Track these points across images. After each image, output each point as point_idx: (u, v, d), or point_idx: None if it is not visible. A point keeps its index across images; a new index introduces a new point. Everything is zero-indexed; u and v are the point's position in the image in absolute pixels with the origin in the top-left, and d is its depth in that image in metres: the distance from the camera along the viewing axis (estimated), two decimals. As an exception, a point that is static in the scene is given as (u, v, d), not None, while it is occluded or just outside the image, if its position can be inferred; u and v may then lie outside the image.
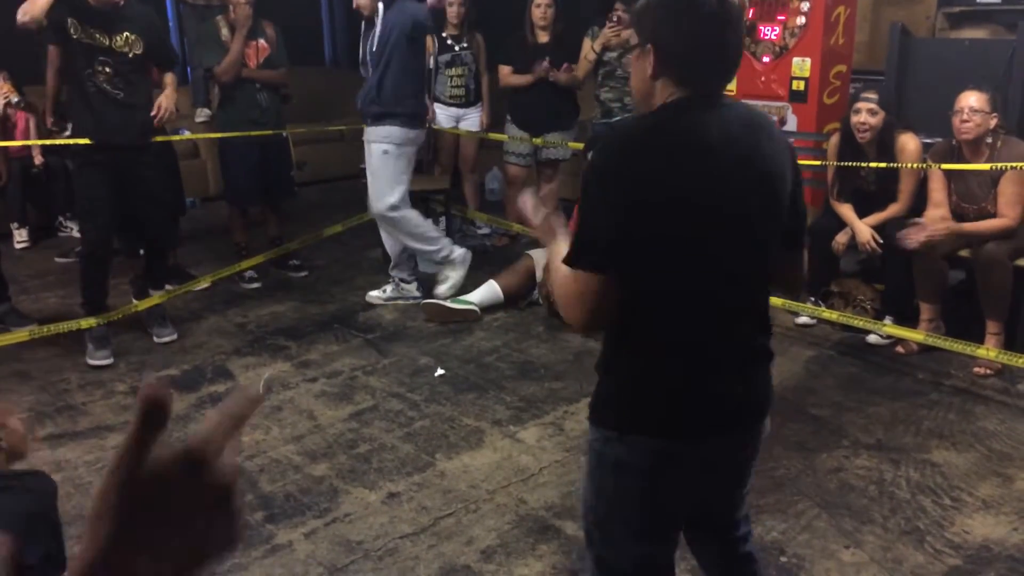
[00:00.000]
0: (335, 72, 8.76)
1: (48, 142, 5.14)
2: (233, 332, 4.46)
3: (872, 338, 4.18)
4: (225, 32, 4.86)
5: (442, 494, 2.99)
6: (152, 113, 3.99)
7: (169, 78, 4.16)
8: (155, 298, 4.36)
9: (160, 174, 4.24)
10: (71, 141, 4.06)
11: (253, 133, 4.89)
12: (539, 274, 4.72)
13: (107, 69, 3.85)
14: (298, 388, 3.82)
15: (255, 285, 5.09)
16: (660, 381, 1.62)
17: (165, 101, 4.02)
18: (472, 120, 5.82)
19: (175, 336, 4.32)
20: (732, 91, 5.61)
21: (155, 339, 4.29)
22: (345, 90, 7.05)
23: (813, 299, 4.49)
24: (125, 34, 3.86)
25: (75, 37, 3.77)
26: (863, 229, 4.17)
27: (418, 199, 4.95)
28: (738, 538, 1.93)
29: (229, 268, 4.91)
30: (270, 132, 5.00)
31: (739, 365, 1.67)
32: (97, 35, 3.80)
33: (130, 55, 3.89)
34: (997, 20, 5.28)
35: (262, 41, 4.93)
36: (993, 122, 3.85)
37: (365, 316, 4.67)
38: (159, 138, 4.36)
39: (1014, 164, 3.80)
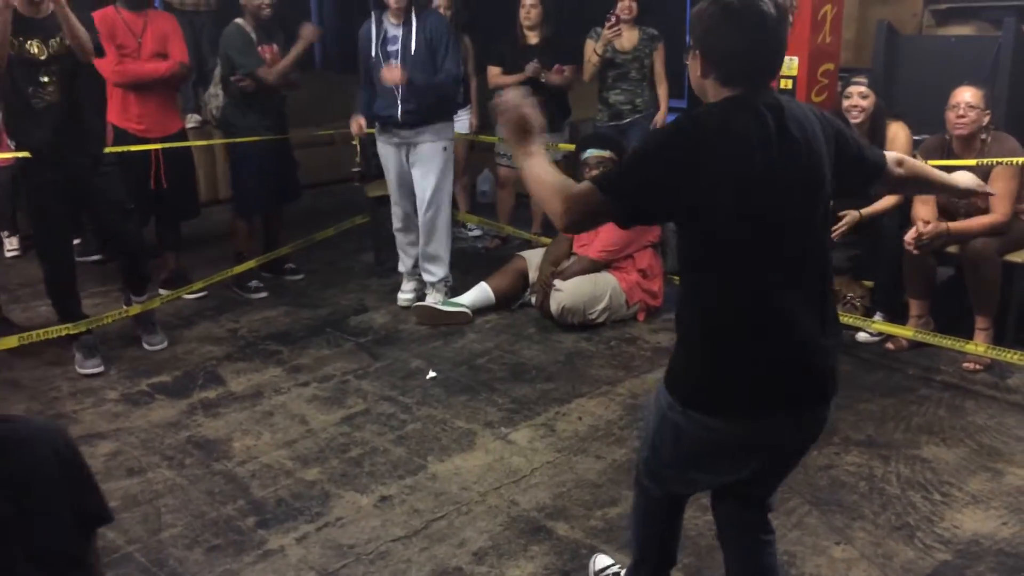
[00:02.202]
0: (325, 75, 8.74)
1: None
2: (225, 338, 4.45)
3: (862, 335, 4.19)
4: (254, 36, 4.83)
5: (434, 497, 3.00)
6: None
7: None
8: (141, 305, 4.33)
9: (115, 181, 4.07)
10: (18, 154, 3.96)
11: (268, 138, 4.90)
12: (531, 276, 4.72)
13: (52, 79, 3.74)
14: (290, 393, 3.82)
15: (262, 295, 5.02)
16: (725, 362, 1.77)
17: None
18: (462, 122, 5.82)
19: (165, 343, 4.31)
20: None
21: (145, 346, 4.28)
22: (335, 93, 7.05)
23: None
24: (59, 36, 3.72)
25: (12, 53, 3.63)
26: (848, 219, 4.16)
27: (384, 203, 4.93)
28: (763, 507, 2.09)
29: (220, 273, 4.90)
30: (284, 137, 5.05)
31: (805, 333, 1.77)
32: (36, 45, 3.69)
33: (68, 54, 3.75)
34: (983, 16, 5.29)
35: (275, 47, 4.92)
36: (987, 118, 3.87)
37: (357, 320, 4.67)
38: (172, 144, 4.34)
39: (1004, 160, 3.81)
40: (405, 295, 4.83)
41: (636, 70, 5.26)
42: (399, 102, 4.41)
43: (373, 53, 4.44)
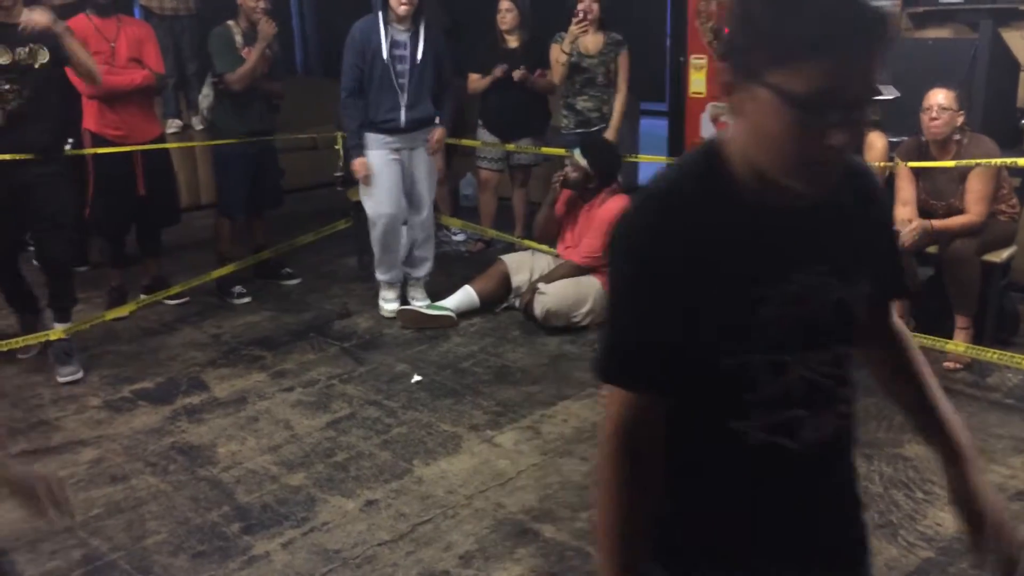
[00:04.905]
0: (307, 80, 8.73)
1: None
2: (208, 343, 4.43)
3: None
4: (239, 40, 4.82)
5: (420, 500, 3.00)
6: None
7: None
8: (63, 330, 4.06)
9: (56, 192, 3.92)
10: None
11: (249, 140, 4.88)
12: (515, 279, 4.73)
13: (14, 87, 3.70)
14: (274, 398, 3.80)
15: (245, 300, 5.01)
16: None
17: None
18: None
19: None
20: (702, 94, 5.67)
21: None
22: (317, 98, 7.04)
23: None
24: (29, 46, 3.71)
25: None
26: None
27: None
28: None
29: (199, 277, 4.88)
30: (267, 139, 5.04)
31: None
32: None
33: (36, 66, 3.73)
34: (959, 19, 5.34)
35: (268, 52, 4.91)
36: (960, 119, 3.92)
37: (341, 324, 4.66)
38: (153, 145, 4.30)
39: (980, 161, 3.86)
40: (390, 304, 4.74)
41: (602, 75, 5.22)
42: (404, 108, 4.41)
43: (384, 56, 4.34)
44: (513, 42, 5.48)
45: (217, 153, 5.09)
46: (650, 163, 7.00)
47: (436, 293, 4.76)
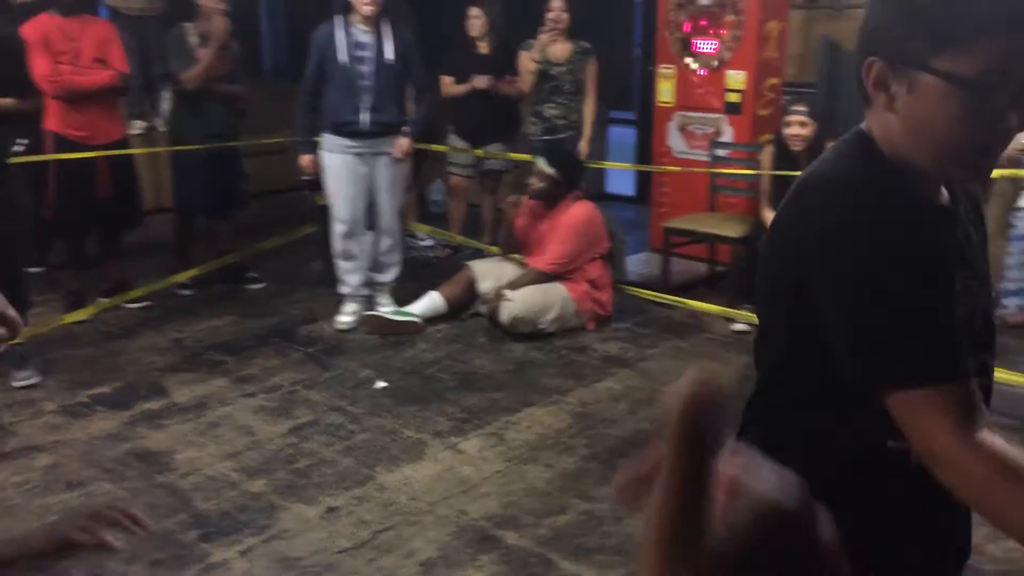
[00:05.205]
0: (275, 83, 8.66)
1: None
2: (169, 348, 4.37)
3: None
4: (193, 40, 4.76)
5: (382, 507, 2.97)
6: None
7: None
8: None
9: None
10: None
11: (207, 147, 4.82)
12: (482, 286, 4.71)
13: None
14: (236, 404, 3.76)
15: (187, 292, 5.01)
16: None
17: None
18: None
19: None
20: (671, 103, 5.71)
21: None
22: (285, 101, 6.97)
23: (749, 306, 4.57)
24: None
25: None
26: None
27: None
28: None
29: (162, 281, 4.82)
30: (230, 143, 4.98)
31: None
32: None
33: None
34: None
35: (227, 54, 4.85)
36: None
37: (306, 329, 4.62)
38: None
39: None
40: (347, 318, 4.63)
41: (570, 83, 5.25)
42: (367, 111, 4.35)
43: (343, 58, 4.32)
44: (484, 48, 5.49)
45: (175, 155, 5.04)
46: (619, 170, 7.07)
47: (403, 299, 4.74)
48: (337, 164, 4.46)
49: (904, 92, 1.02)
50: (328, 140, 4.46)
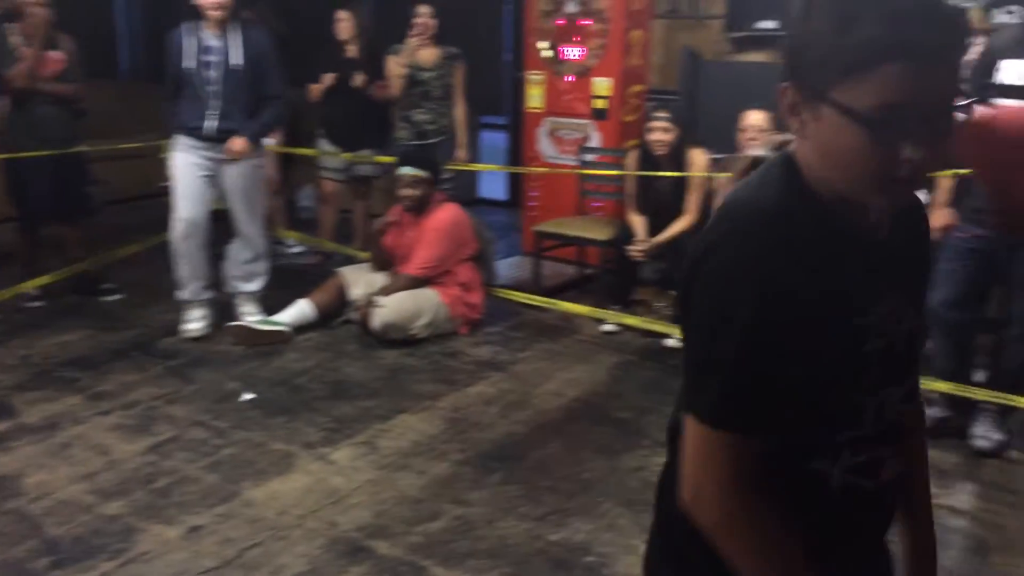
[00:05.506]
0: (131, 85, 8.29)
1: None
2: (15, 365, 4.10)
3: (670, 342, 4.40)
4: (15, 40, 4.47)
5: (249, 524, 2.88)
6: None
7: None
8: None
9: None
10: None
11: (42, 153, 4.54)
12: (352, 293, 4.64)
13: None
14: (90, 422, 3.56)
15: (35, 304, 4.75)
16: None
17: None
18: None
19: None
20: (540, 109, 5.79)
21: None
22: (143, 104, 6.68)
23: (617, 307, 4.69)
24: None
25: None
26: (637, 243, 4.51)
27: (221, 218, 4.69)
28: None
29: (7, 290, 4.53)
30: (71, 151, 4.69)
31: None
32: None
33: None
34: (776, 45, 5.72)
35: (57, 53, 4.58)
36: (778, 138, 4.19)
37: (167, 342, 4.43)
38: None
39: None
40: (193, 325, 4.46)
41: (439, 88, 5.26)
42: (214, 117, 4.21)
43: (189, 64, 4.17)
44: (353, 51, 5.43)
45: (9, 161, 4.74)
46: (491, 173, 7.12)
47: (272, 308, 4.61)
48: (181, 163, 4.29)
49: (812, 120, 1.01)
50: (178, 140, 4.31)
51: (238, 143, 4.23)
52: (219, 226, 4.58)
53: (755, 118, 4.22)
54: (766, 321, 1.00)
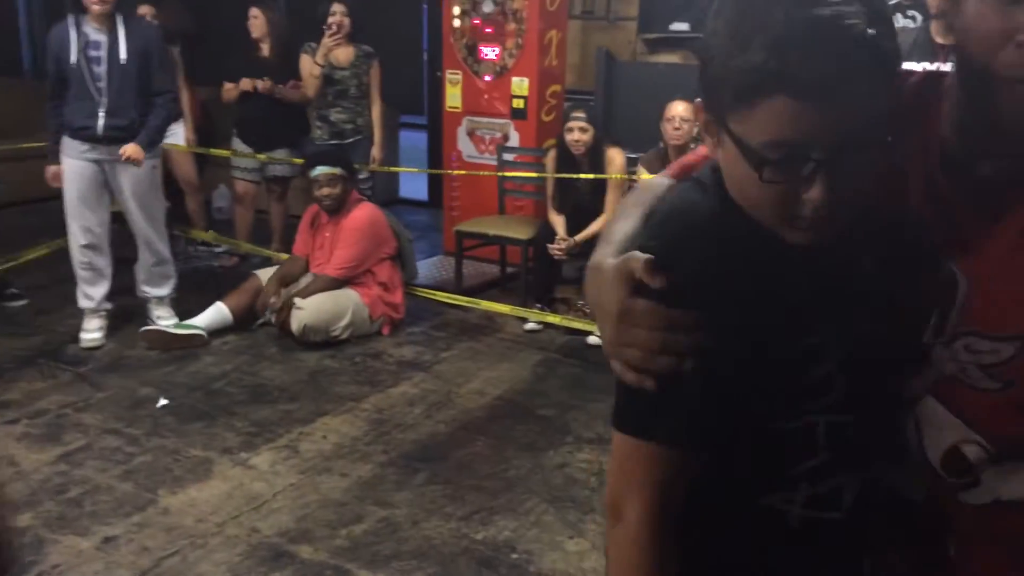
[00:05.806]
0: (33, 84, 7.97)
1: None
2: (-88, 376, 3.92)
3: (592, 339, 4.46)
4: None
5: (166, 532, 2.81)
6: None
7: None
8: None
9: None
10: None
11: None
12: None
13: None
14: (-6, 433, 3.42)
15: (23, 303, 4.64)
16: None
17: None
18: (175, 136, 5.50)
19: None
20: (459, 108, 5.80)
21: None
22: (45, 103, 6.43)
23: (539, 305, 4.74)
24: None
25: None
26: (558, 241, 4.58)
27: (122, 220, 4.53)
28: None
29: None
30: None
31: None
32: None
33: None
34: (687, 46, 5.86)
35: None
36: (696, 129, 4.30)
37: (76, 348, 4.27)
38: None
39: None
40: (92, 335, 4.29)
41: (355, 87, 5.22)
42: (102, 115, 4.04)
43: (73, 59, 4.01)
44: (266, 51, 5.34)
45: None
46: (410, 174, 7.09)
47: (187, 311, 4.49)
48: (69, 168, 4.13)
49: (718, 143, 0.95)
50: (66, 144, 4.12)
51: (130, 149, 4.08)
52: (124, 229, 4.46)
53: (679, 108, 4.32)
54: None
